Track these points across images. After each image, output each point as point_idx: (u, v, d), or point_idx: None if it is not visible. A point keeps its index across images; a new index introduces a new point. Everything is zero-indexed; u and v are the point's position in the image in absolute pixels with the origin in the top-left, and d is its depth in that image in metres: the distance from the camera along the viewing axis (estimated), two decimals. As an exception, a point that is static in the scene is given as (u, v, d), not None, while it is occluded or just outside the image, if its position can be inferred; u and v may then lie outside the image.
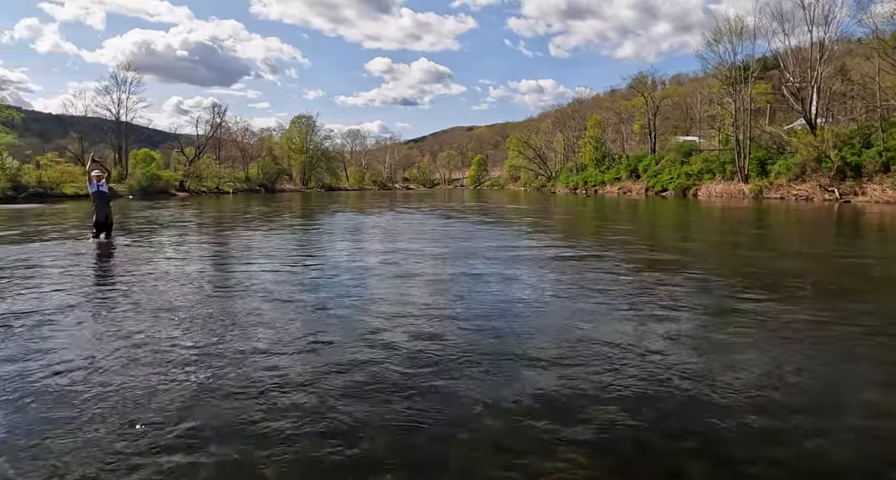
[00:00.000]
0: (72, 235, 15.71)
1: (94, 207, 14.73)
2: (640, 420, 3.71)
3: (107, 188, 15.12)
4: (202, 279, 8.62)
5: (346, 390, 4.16)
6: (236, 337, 5.43)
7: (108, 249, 12.87)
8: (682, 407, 3.91)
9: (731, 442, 3.40)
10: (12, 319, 6.00)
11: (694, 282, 8.46)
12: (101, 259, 11.42)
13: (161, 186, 63.19)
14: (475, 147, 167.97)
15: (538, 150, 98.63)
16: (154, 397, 3.96)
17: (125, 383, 4.19)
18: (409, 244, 13.47)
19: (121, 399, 3.92)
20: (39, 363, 4.61)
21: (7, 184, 46.38)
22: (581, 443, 3.39)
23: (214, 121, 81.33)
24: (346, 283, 8.26)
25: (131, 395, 3.98)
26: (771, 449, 3.32)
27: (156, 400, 3.90)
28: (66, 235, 15.81)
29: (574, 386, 4.25)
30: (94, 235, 14.47)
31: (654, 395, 4.11)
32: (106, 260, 11.25)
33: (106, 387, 4.10)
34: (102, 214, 14.66)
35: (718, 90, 54.47)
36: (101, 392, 4.02)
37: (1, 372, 4.42)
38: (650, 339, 5.46)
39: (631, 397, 4.08)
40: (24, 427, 3.49)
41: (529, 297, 7.34)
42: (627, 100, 77.14)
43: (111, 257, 11.75)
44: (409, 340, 5.34)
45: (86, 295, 7.33)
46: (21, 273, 9.10)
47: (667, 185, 57.21)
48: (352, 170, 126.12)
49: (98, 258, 11.50)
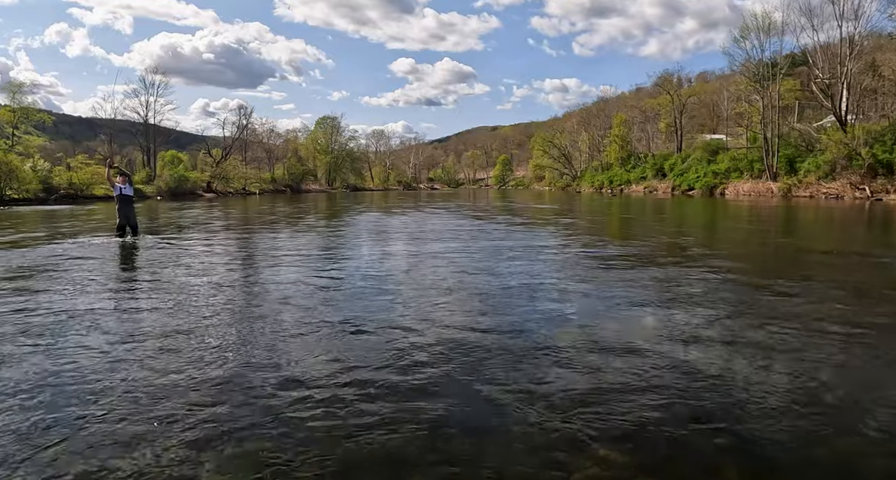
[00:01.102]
0: (98, 235, 16.04)
1: (117, 209, 15.01)
2: (676, 417, 3.73)
3: (131, 190, 15.39)
4: (225, 284, 8.60)
5: (378, 388, 4.25)
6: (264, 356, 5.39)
7: (130, 250, 13.14)
8: (719, 406, 3.90)
9: (767, 442, 3.39)
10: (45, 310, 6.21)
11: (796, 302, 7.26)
12: (121, 259, 11.76)
13: (188, 187, 64.01)
14: (499, 147, 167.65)
15: (563, 150, 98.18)
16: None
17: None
18: (459, 257, 11.50)
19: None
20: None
21: (39, 186, 47.27)
22: (615, 440, 3.42)
23: (241, 123, 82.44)
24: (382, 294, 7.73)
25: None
26: (809, 449, 3.33)
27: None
28: (94, 235, 16.19)
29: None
30: (119, 236, 14.74)
31: (690, 393, 4.13)
32: (126, 261, 11.61)
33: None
34: (124, 216, 14.97)
35: (746, 87, 53.68)
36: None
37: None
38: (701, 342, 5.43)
39: (667, 394, 4.10)
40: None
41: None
42: (653, 99, 76.45)
43: (132, 257, 12.09)
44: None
45: (100, 291, 7.57)
46: (50, 270, 9.59)
47: (693, 184, 56.62)
48: (376, 170, 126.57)
49: (119, 258, 11.84)
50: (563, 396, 4.03)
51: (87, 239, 15.18)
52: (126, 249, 13.06)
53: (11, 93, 56.48)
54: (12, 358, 4.86)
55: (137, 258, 11.78)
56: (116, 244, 13.88)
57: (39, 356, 4.93)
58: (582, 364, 4.73)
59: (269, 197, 66.27)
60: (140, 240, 14.61)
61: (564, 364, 4.69)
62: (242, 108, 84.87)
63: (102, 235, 15.95)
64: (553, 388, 4.18)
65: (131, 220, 15.21)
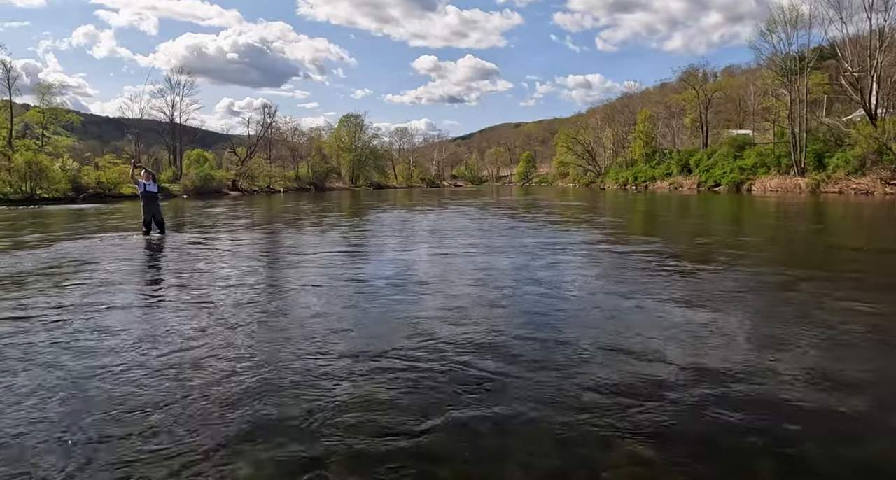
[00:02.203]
0: (125, 233, 16.38)
1: (142, 206, 15.23)
2: (705, 414, 3.74)
3: (155, 187, 15.59)
4: (250, 282, 8.66)
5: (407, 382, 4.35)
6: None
7: (157, 246, 13.42)
8: (749, 404, 3.90)
9: (799, 440, 3.40)
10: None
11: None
12: (147, 255, 12.13)
13: (214, 186, 64.73)
14: (523, 143, 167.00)
15: (587, 146, 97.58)
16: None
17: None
18: (494, 258, 10.88)
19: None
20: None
21: (68, 186, 48.07)
22: (644, 436, 3.43)
23: (265, 122, 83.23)
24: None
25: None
26: (842, 449, 3.33)
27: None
28: (120, 233, 16.54)
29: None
30: (144, 233, 14.98)
31: (720, 390, 4.13)
32: (151, 257, 11.93)
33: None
34: (149, 214, 15.18)
35: (773, 81, 52.94)
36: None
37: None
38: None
39: (696, 391, 4.12)
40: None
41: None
42: (678, 94, 75.64)
43: (157, 253, 12.38)
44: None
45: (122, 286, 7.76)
46: (79, 265, 10.11)
47: (719, 180, 55.97)
48: (400, 167, 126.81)
49: (144, 254, 12.21)
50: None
51: (115, 236, 15.50)
52: (152, 246, 13.25)
53: (41, 95, 57.54)
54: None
55: (162, 255, 11.99)
56: (142, 241, 14.11)
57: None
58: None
59: (294, 195, 66.76)
60: (167, 237, 14.80)
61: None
62: (267, 107, 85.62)
63: (129, 232, 16.26)
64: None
65: (157, 217, 15.42)
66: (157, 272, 9.99)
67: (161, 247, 13.08)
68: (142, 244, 13.66)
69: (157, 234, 15.10)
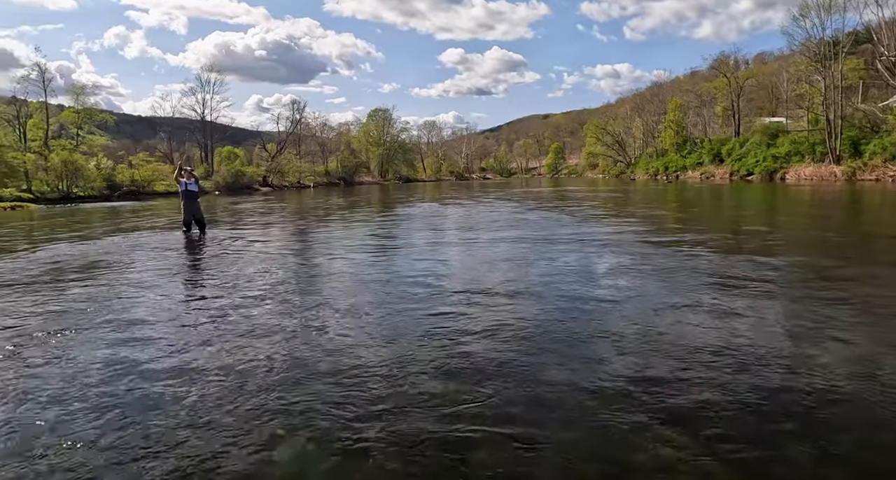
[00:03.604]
0: (165, 231, 16.93)
1: (182, 205, 15.43)
2: (738, 400, 3.82)
3: (196, 186, 15.75)
4: (290, 277, 8.84)
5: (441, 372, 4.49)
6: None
7: (196, 243, 13.73)
8: (783, 390, 3.96)
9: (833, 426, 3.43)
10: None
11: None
12: (187, 251, 12.58)
13: (245, 182, 65.54)
14: (551, 135, 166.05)
15: (616, 137, 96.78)
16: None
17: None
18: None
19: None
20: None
21: (103, 184, 49.04)
22: (676, 421, 3.51)
23: (294, 118, 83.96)
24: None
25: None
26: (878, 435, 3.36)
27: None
28: (162, 229, 17.24)
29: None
30: (185, 231, 15.21)
31: (753, 376, 4.20)
32: (191, 253, 12.38)
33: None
34: (189, 213, 15.32)
35: (806, 67, 51.88)
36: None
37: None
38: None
39: (730, 377, 4.20)
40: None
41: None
42: (709, 82, 74.51)
43: (197, 250, 12.71)
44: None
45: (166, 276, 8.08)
46: (126, 259, 10.98)
47: (752, 169, 55.14)
48: (429, 161, 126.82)
49: (185, 250, 12.70)
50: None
51: (153, 234, 15.97)
52: (193, 244, 13.54)
53: (75, 95, 58.56)
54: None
55: (205, 254, 12.13)
56: (184, 239, 14.54)
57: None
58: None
59: (324, 189, 67.30)
60: (207, 236, 15.04)
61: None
62: (296, 103, 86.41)
63: (169, 231, 16.77)
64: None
65: (197, 215, 15.53)
66: (196, 273, 10.20)
67: (202, 245, 13.38)
68: (181, 240, 14.25)
69: (196, 232, 15.32)
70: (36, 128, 54.79)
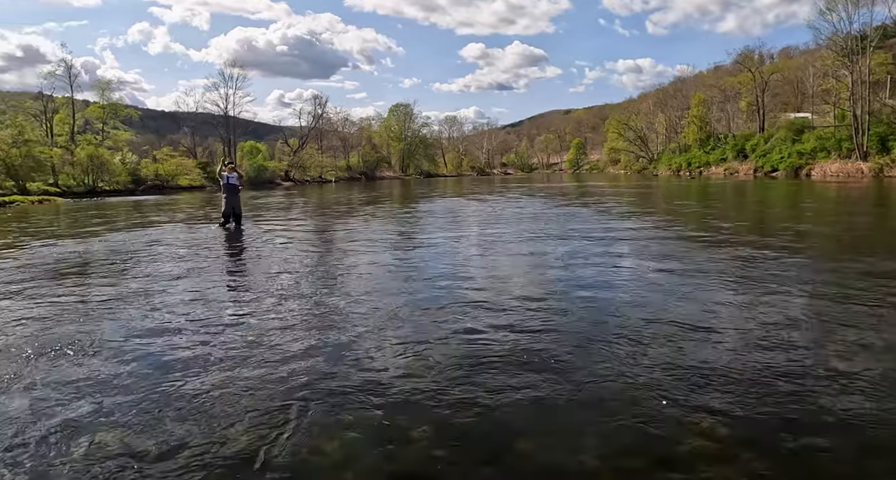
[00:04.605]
0: (204, 223, 17.56)
1: (224, 198, 15.66)
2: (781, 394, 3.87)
3: (236, 179, 15.98)
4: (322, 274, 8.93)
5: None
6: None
7: (234, 235, 14.17)
8: (828, 388, 3.96)
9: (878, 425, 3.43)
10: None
11: None
12: (226, 243, 13.07)
13: (267, 176, 66.15)
14: (573, 130, 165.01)
15: (638, 132, 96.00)
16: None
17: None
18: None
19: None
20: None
21: (128, 178, 49.71)
22: (719, 413, 3.59)
23: (316, 113, 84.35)
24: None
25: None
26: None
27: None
28: (199, 223, 17.82)
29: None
30: (222, 223, 15.45)
31: (800, 372, 4.24)
32: (230, 245, 12.87)
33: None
34: (230, 206, 15.60)
35: (833, 62, 51.07)
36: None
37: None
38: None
39: (775, 372, 4.25)
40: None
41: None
42: (733, 77, 73.55)
43: (235, 242, 13.18)
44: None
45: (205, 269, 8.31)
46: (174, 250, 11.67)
47: (777, 165, 54.53)
48: (450, 156, 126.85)
49: (224, 242, 13.22)
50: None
51: (193, 226, 16.67)
52: (233, 238, 13.91)
53: (101, 91, 59.29)
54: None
55: (249, 248, 12.36)
56: (223, 231, 15.03)
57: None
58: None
59: (345, 184, 67.66)
60: (243, 229, 15.38)
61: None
62: (318, 98, 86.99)
63: (208, 223, 17.35)
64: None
65: (236, 209, 15.83)
66: (241, 264, 10.50)
67: (237, 236, 13.99)
68: (220, 233, 14.80)
69: (233, 224, 15.60)
70: (62, 123, 55.69)
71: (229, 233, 14.75)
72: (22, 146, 41.64)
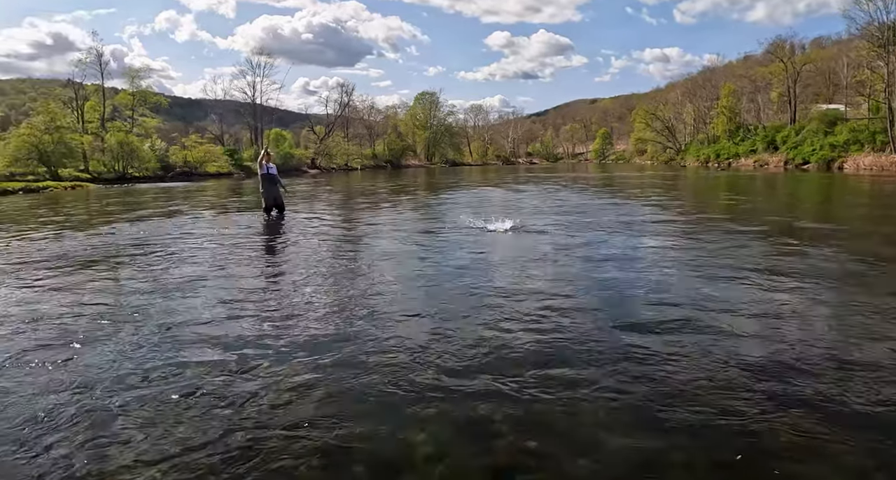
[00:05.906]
0: (249, 213, 17.96)
1: (262, 189, 15.68)
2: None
3: (275, 170, 16.01)
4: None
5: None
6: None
7: (277, 227, 14.19)
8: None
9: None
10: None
11: None
12: (269, 234, 13.30)
13: (294, 164, 66.45)
14: (599, 120, 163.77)
15: (666, 122, 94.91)
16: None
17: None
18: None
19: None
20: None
21: (157, 165, 50.28)
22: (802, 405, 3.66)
23: (343, 101, 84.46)
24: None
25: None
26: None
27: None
28: (244, 213, 18.21)
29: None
30: (265, 212, 15.53)
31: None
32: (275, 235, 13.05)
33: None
34: (270, 197, 15.61)
35: (868, 53, 49.97)
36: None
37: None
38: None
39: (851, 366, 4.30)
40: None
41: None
42: (764, 67, 72.31)
43: (279, 233, 13.19)
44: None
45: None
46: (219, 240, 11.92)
47: (808, 158, 53.65)
48: (475, 145, 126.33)
49: (266, 232, 13.53)
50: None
51: (237, 217, 17.15)
52: (275, 228, 13.95)
53: (130, 78, 59.97)
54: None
55: (295, 241, 12.14)
56: (265, 221, 15.17)
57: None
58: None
59: (371, 172, 67.93)
60: (286, 219, 15.40)
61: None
62: (344, 86, 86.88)
63: (253, 213, 17.48)
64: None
65: (278, 200, 15.84)
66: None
67: (279, 228, 13.98)
68: (262, 222, 15.08)
69: (276, 214, 15.68)
70: (93, 110, 56.35)
71: (273, 222, 14.88)
72: (54, 132, 42.31)
